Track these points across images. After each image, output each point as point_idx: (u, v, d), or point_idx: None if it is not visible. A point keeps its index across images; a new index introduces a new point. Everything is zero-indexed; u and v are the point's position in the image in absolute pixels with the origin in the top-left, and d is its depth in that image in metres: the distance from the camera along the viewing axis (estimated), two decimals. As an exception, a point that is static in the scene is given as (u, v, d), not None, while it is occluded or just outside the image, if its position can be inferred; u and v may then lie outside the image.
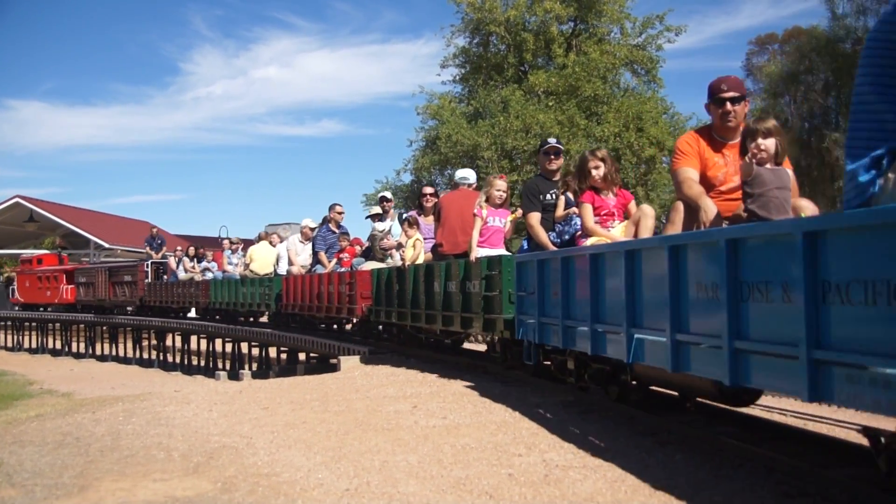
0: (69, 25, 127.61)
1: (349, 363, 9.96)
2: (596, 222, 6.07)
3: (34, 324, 31.42)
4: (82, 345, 28.47)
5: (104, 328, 27.41)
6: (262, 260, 16.92)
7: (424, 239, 10.09)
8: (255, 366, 17.78)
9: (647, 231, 5.61)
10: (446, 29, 28.41)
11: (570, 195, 6.86)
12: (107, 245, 39.00)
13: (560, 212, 7.04)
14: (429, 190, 11.20)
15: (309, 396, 7.57)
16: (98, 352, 27.32)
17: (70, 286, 29.61)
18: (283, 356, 16.19)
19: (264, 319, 19.02)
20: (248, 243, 19.99)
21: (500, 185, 8.24)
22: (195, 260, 21.54)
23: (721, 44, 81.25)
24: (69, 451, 5.51)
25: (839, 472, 3.79)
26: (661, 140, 23.61)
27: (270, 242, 17.32)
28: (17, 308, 33.37)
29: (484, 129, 24.55)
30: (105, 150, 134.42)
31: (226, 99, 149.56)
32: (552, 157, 7.75)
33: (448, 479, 4.20)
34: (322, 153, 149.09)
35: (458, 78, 28.88)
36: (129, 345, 25.76)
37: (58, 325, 30.09)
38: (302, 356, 14.96)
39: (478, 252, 7.90)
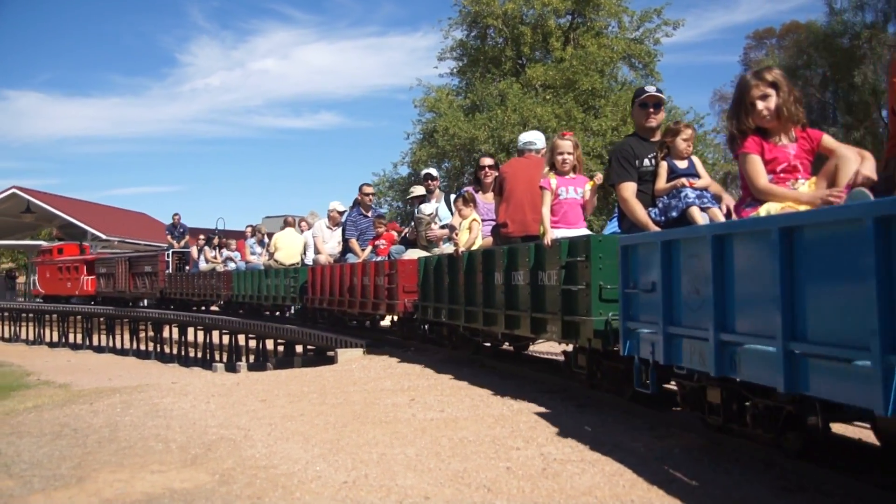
0: (66, 16, 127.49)
1: (346, 356, 9.97)
2: (770, 182, 3.99)
3: (31, 315, 31.35)
4: (79, 336, 28.39)
5: (101, 319, 27.35)
6: (288, 248, 15.39)
7: (482, 220, 8.54)
8: (251, 358, 17.72)
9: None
10: (444, 22, 28.48)
11: (676, 162, 5.33)
12: (104, 236, 38.88)
13: (662, 183, 5.30)
14: (488, 161, 9.13)
15: (306, 389, 7.57)
16: (95, 343, 27.29)
17: (91, 277, 28.70)
18: (280, 348, 16.12)
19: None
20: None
21: (563, 147, 6.48)
22: (217, 249, 20.02)
23: (719, 38, 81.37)
24: (67, 443, 5.51)
25: (836, 466, 3.80)
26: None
27: (299, 229, 15.84)
28: (38, 300, 33.02)
29: (481, 123, 24.58)
30: (102, 142, 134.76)
31: (223, 91, 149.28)
32: (651, 109, 5.93)
33: (446, 471, 4.21)
34: (319, 145, 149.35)
35: (455, 71, 28.95)
36: (126, 336, 25.72)
37: (55, 315, 30.00)
38: (299, 348, 14.93)
39: (553, 233, 6.17)
